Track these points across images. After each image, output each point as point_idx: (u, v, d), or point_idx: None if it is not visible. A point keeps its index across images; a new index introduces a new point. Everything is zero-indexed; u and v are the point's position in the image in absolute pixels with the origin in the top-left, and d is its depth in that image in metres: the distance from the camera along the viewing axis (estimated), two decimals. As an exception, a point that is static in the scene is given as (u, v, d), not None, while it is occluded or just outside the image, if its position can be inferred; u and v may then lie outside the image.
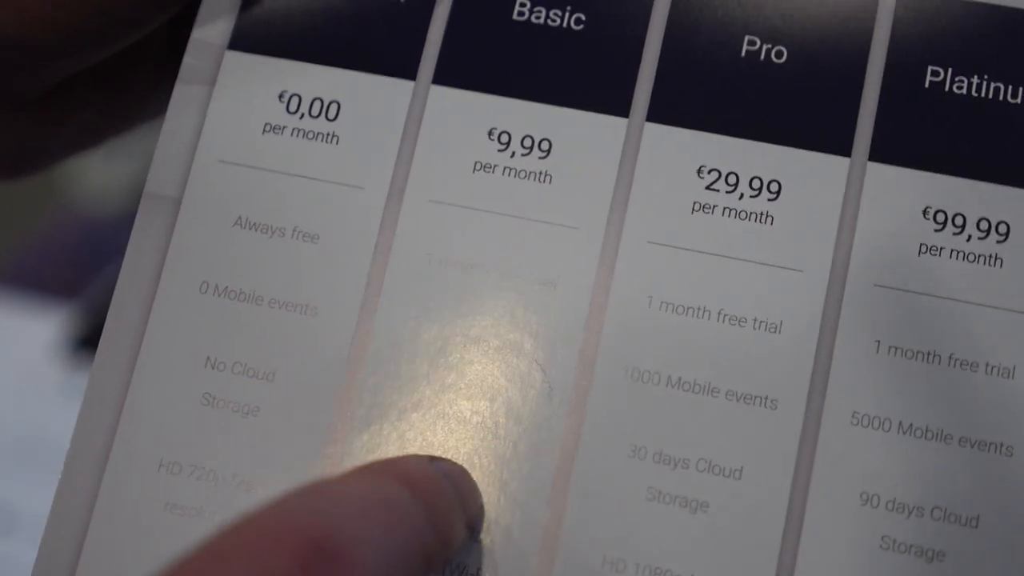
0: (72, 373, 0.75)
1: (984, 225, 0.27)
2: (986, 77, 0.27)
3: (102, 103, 0.33)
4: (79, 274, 0.79)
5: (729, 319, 0.27)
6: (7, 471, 0.69)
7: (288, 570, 0.19)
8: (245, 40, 0.29)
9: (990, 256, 0.27)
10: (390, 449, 0.27)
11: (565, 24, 0.28)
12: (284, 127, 0.29)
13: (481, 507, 0.26)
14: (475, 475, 0.27)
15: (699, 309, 0.27)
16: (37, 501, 0.67)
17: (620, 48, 0.28)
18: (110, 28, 0.29)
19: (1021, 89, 0.27)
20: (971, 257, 0.27)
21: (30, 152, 0.32)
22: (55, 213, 0.88)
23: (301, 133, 0.28)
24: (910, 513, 0.26)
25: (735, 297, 0.27)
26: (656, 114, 0.28)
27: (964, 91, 0.27)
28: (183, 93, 0.29)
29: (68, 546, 0.27)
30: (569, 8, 0.28)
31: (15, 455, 0.70)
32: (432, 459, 0.26)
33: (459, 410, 0.27)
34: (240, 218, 0.28)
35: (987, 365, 0.26)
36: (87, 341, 0.76)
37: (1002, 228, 0.27)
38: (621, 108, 0.28)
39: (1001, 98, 0.27)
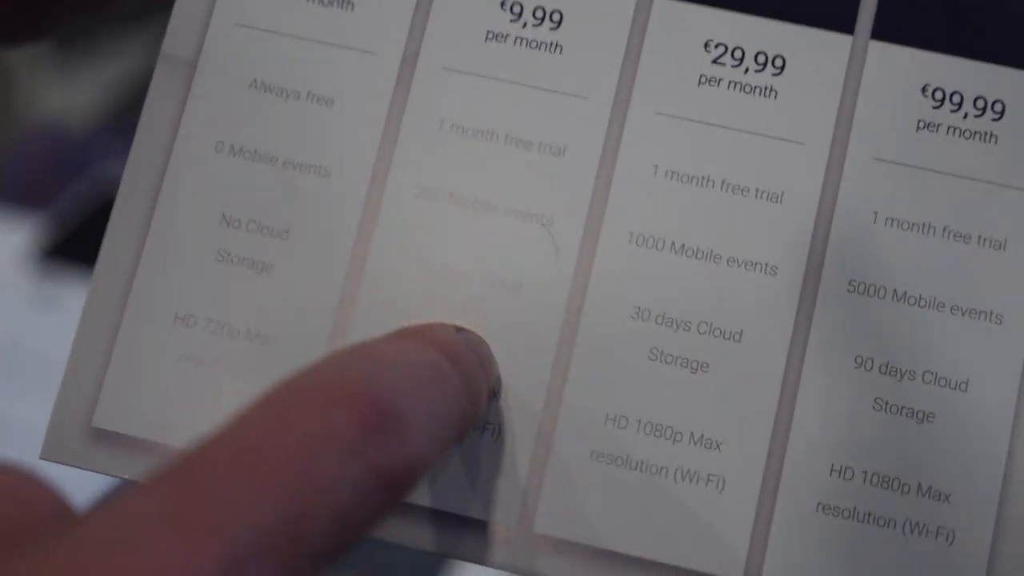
0: (43, 283, 0.76)
1: (980, 103, 0.28)
2: None
3: None
4: (48, 187, 0.80)
5: (732, 188, 0.28)
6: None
7: (350, 428, 0.20)
8: None
9: (985, 133, 0.28)
10: (400, 307, 0.28)
11: None
12: None
13: (499, 376, 0.28)
14: (484, 334, 0.28)
15: (703, 178, 0.28)
16: (10, 408, 0.68)
17: None
18: None
19: None
20: (967, 134, 0.28)
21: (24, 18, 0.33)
22: (20, 129, 0.89)
23: None
24: (902, 377, 0.28)
25: (738, 167, 0.28)
26: None
27: None
28: (201, -44, 0.30)
29: (85, 397, 0.28)
30: None
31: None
32: (458, 329, 0.27)
33: (467, 271, 0.28)
34: (256, 80, 0.29)
35: (979, 237, 0.28)
36: (57, 251, 0.77)
37: (997, 107, 0.28)
38: None
39: None
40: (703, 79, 0.29)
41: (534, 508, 0.27)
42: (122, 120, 0.86)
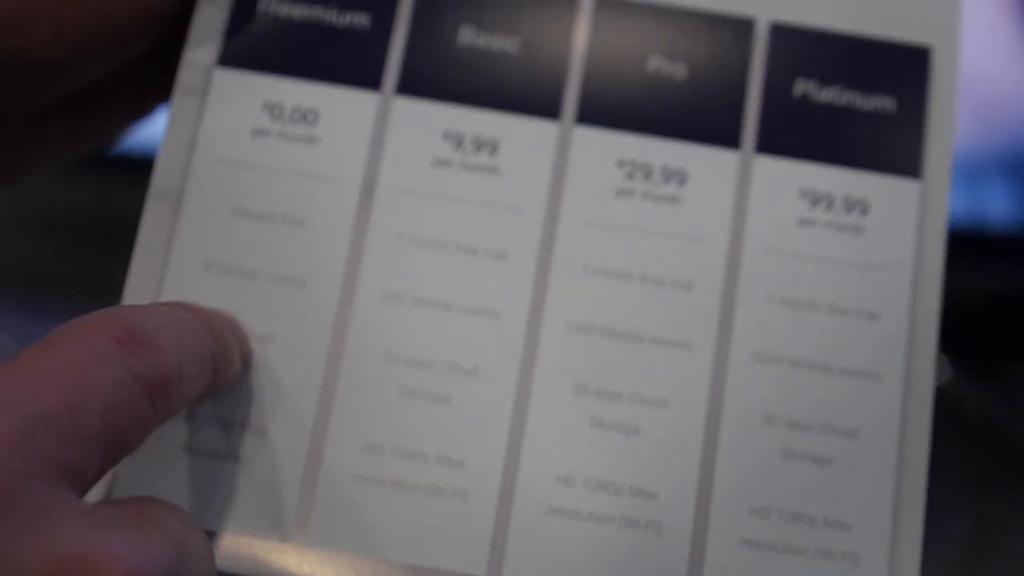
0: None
1: (848, 202, 0.35)
2: (843, 88, 0.36)
3: (77, 121, 0.39)
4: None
5: (648, 280, 0.34)
6: None
7: (108, 345, 0.26)
8: (231, 59, 0.36)
9: (855, 226, 0.35)
10: (373, 395, 0.33)
11: (503, 47, 0.36)
12: (269, 131, 0.35)
13: (249, 346, 0.34)
14: (445, 414, 0.33)
15: (624, 273, 0.34)
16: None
17: (550, 65, 0.36)
18: (108, 49, 0.35)
19: (870, 97, 0.36)
20: (840, 227, 0.35)
21: (8, 166, 0.38)
22: None
23: (284, 136, 0.35)
24: (802, 430, 0.33)
25: (652, 263, 0.34)
26: (582, 118, 0.35)
27: (826, 99, 0.36)
28: (180, 104, 0.35)
29: None
30: (506, 33, 0.36)
31: None
32: (212, 309, 0.33)
33: (430, 361, 0.34)
34: (236, 207, 0.35)
35: (856, 311, 0.34)
36: None
37: (863, 204, 0.35)
38: (556, 113, 0.35)
39: (855, 104, 0.36)
40: (619, 192, 0.35)
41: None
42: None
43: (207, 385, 0.30)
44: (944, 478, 0.34)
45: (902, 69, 0.36)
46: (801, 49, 0.36)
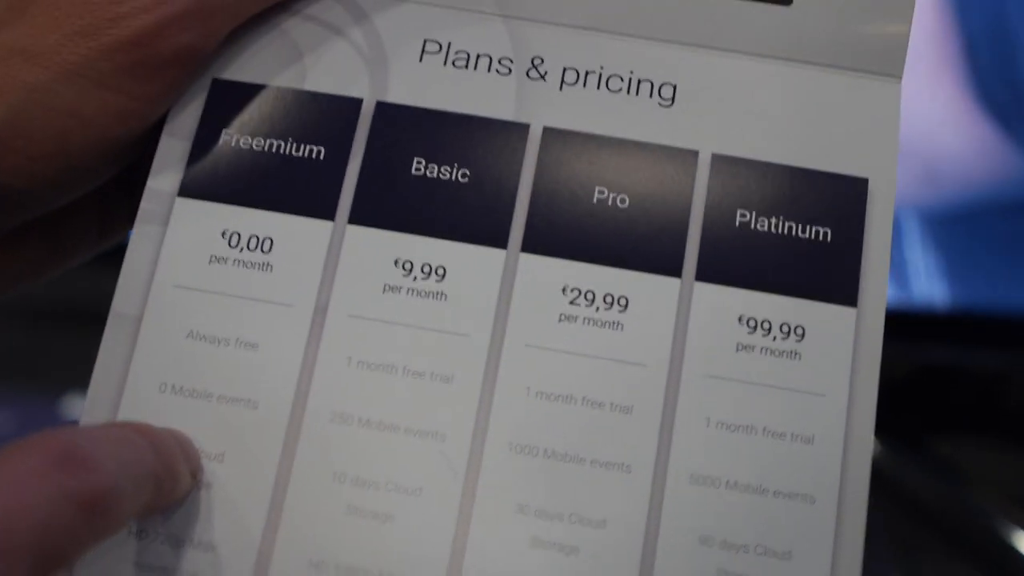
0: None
1: (785, 328, 0.37)
2: (782, 217, 0.38)
3: (49, 243, 0.41)
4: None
5: (590, 404, 0.36)
6: None
7: (44, 464, 0.28)
8: (192, 189, 0.38)
9: (792, 352, 0.36)
10: (318, 514, 0.35)
11: (453, 178, 0.38)
12: (227, 258, 0.37)
13: (200, 463, 0.35)
14: (387, 535, 0.35)
15: (566, 396, 0.36)
16: None
17: (498, 195, 0.38)
18: (75, 178, 0.37)
19: (808, 226, 0.38)
20: (776, 353, 0.37)
21: None
22: None
23: (240, 263, 0.37)
24: (738, 551, 0.35)
25: (594, 386, 0.36)
26: (528, 246, 0.37)
27: (765, 228, 0.38)
28: (142, 231, 0.37)
29: None
30: (456, 164, 0.38)
31: None
32: (164, 428, 0.35)
33: (376, 482, 0.35)
34: (192, 331, 0.37)
35: (792, 435, 0.36)
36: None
37: (799, 330, 0.37)
38: (501, 242, 0.37)
39: (794, 233, 0.37)
40: (562, 316, 0.37)
41: None
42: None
43: (149, 503, 0.31)
44: (873, 543, 0.35)
45: (839, 199, 0.37)
46: (742, 180, 0.38)
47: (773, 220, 0.37)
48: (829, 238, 0.37)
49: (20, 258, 0.41)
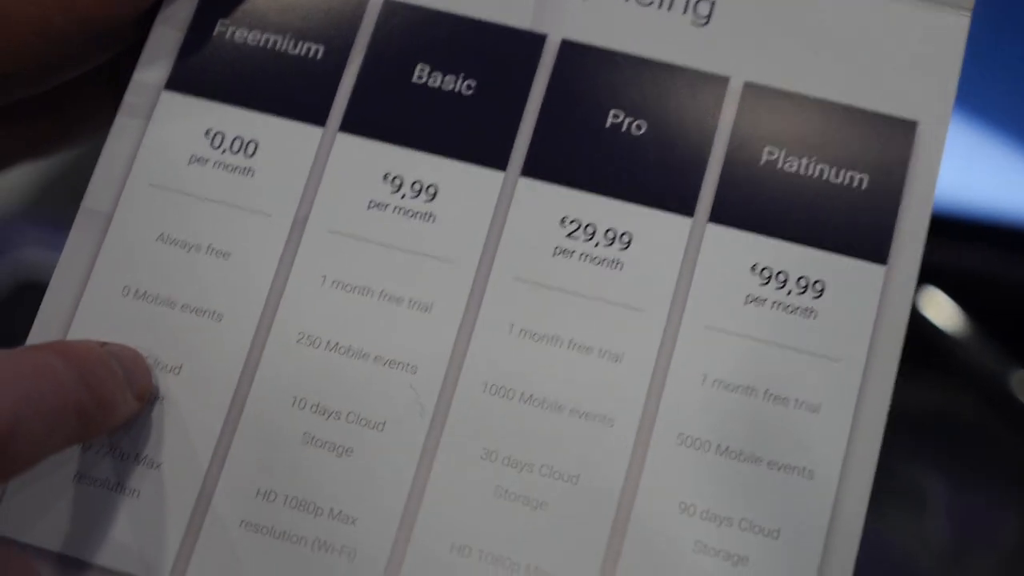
0: None
1: (803, 282, 0.34)
2: (814, 159, 0.34)
3: (47, 123, 0.40)
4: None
5: (578, 347, 0.34)
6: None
7: None
8: (180, 82, 0.36)
9: (807, 309, 0.34)
10: (273, 441, 0.33)
11: (457, 88, 0.36)
12: (207, 159, 0.35)
13: (151, 383, 0.33)
14: (347, 469, 0.33)
15: (553, 337, 0.34)
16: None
17: (502, 111, 0.35)
18: (61, 62, 0.36)
19: (842, 171, 0.34)
20: (790, 309, 0.34)
21: None
22: None
23: (222, 165, 0.35)
24: (721, 523, 0.32)
25: (584, 329, 0.34)
26: (530, 170, 0.35)
27: (794, 169, 0.34)
28: (122, 124, 0.36)
29: None
30: (462, 74, 0.36)
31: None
32: (103, 344, 0.33)
33: (338, 411, 0.33)
34: (163, 234, 0.35)
35: (796, 400, 0.33)
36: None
37: (818, 286, 0.34)
38: (501, 163, 0.35)
39: (825, 177, 0.34)
40: (558, 250, 0.34)
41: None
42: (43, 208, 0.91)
43: (73, 436, 0.30)
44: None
45: (882, 143, 0.34)
46: (774, 114, 0.35)
47: (804, 161, 0.34)
48: (865, 185, 0.34)
49: (19, 134, 0.40)
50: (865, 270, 0.33)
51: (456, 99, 0.35)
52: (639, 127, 0.35)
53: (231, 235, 0.35)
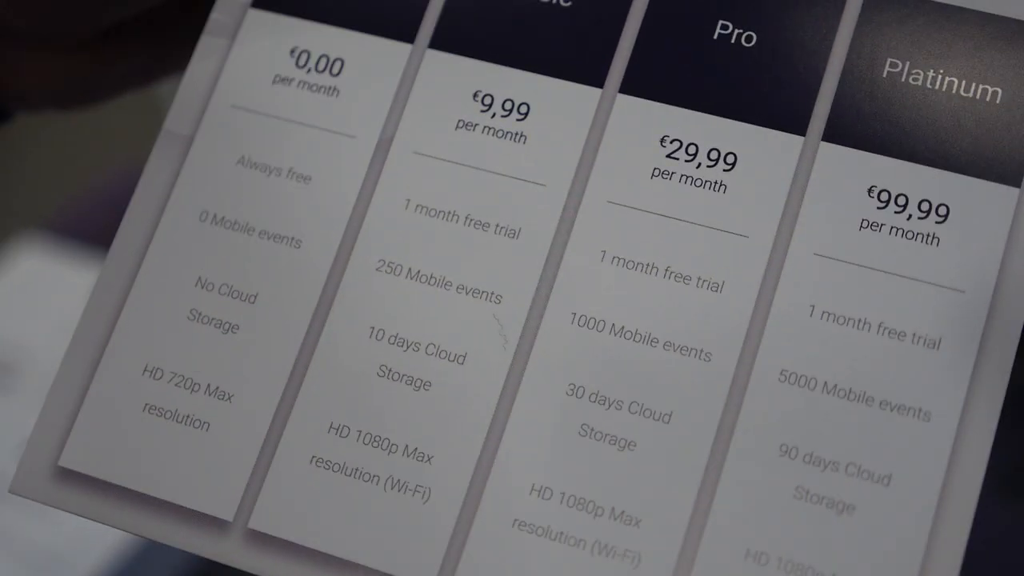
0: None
1: (925, 206, 0.31)
2: (941, 72, 0.32)
3: (149, 49, 0.40)
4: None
5: (674, 276, 0.32)
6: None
7: None
8: (266, 0, 0.36)
9: (928, 235, 0.31)
10: (351, 372, 0.32)
11: (554, 0, 0.34)
12: (292, 79, 0.35)
13: None
14: (425, 401, 0.32)
15: (647, 265, 0.32)
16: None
17: (601, 24, 0.34)
18: None
19: (974, 85, 0.32)
20: (910, 235, 0.31)
21: (80, 89, 0.40)
22: (105, 169, 0.96)
23: (306, 85, 0.35)
24: (825, 467, 0.30)
25: (682, 256, 0.32)
26: (629, 87, 0.33)
27: (919, 83, 0.32)
28: (207, 44, 0.35)
29: (55, 437, 0.33)
30: None
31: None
32: None
33: (416, 342, 0.32)
34: (243, 157, 0.34)
35: (914, 335, 0.31)
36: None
37: (942, 210, 0.31)
38: (597, 79, 0.33)
39: (954, 91, 0.32)
40: (657, 172, 0.32)
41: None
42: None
43: None
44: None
45: (1018, 54, 0.32)
46: (902, 23, 0.32)
47: (931, 73, 0.32)
48: (999, 99, 0.31)
49: (118, 62, 0.40)
50: (995, 193, 0.31)
51: (552, 11, 0.34)
52: (749, 39, 0.33)
53: (313, 158, 0.34)
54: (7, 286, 0.79)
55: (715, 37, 0.33)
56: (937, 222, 0.31)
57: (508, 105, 0.33)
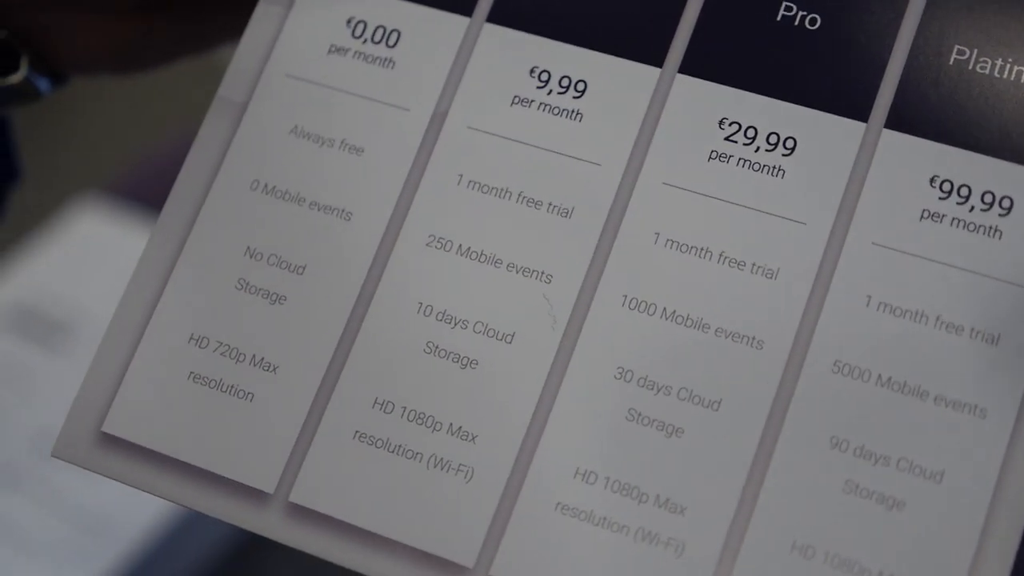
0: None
1: (988, 198, 0.31)
2: (1011, 60, 0.32)
3: (204, 16, 0.40)
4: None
5: (729, 261, 0.32)
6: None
7: None
8: None
9: (991, 228, 0.31)
10: (397, 345, 0.32)
11: None
12: (348, 49, 0.35)
13: None
14: (471, 378, 0.32)
15: (702, 249, 0.32)
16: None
17: (662, 2, 0.34)
18: None
19: None
20: (972, 227, 0.31)
21: (133, 53, 0.40)
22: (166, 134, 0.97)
23: (362, 56, 0.35)
24: (876, 461, 0.30)
25: (738, 241, 0.32)
26: (688, 67, 0.33)
27: (987, 71, 0.32)
28: (263, 11, 0.35)
29: (99, 403, 0.33)
30: None
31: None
32: None
33: (464, 319, 0.32)
34: (296, 127, 0.34)
35: (973, 330, 0.30)
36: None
37: (1006, 202, 0.31)
38: (657, 58, 0.33)
39: (1022, 81, 0.31)
40: (714, 154, 0.32)
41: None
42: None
43: None
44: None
45: None
46: (971, 9, 0.32)
47: (999, 62, 0.31)
48: None
49: (175, 25, 0.40)
50: None
51: None
52: (813, 21, 0.32)
53: (366, 129, 0.34)
54: (65, 247, 0.80)
55: (778, 18, 0.33)
56: (1000, 215, 0.30)
57: (565, 82, 0.33)
